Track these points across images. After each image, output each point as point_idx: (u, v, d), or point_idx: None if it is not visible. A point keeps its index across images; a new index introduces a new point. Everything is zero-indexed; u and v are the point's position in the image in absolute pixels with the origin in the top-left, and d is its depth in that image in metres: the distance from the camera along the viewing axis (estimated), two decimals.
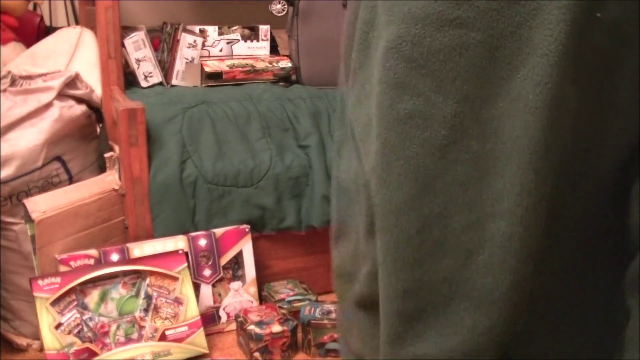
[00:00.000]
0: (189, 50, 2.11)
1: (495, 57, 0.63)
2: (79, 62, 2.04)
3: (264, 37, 2.26)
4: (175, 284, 1.75)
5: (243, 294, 1.90)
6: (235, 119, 1.94)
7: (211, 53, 2.20)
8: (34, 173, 1.72)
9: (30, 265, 1.73)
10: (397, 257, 0.68)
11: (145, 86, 2.08)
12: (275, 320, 1.75)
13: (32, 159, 1.71)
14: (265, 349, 1.71)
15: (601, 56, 0.66)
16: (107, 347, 1.66)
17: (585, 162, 0.69)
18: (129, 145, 1.79)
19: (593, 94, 0.67)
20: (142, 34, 2.06)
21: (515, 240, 0.64)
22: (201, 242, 1.84)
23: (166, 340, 1.71)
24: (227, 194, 1.90)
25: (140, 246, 1.78)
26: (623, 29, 0.66)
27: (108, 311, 1.69)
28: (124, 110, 1.77)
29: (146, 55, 2.07)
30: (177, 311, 1.74)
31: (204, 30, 2.19)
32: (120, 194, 1.84)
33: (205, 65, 2.13)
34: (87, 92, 1.84)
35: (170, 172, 1.84)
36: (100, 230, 1.81)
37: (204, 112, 1.93)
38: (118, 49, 1.89)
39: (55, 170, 1.77)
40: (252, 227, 1.92)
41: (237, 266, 1.90)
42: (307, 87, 2.12)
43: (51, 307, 1.62)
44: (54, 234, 1.70)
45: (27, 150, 1.70)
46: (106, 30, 1.87)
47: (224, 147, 1.91)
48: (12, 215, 1.73)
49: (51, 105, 1.74)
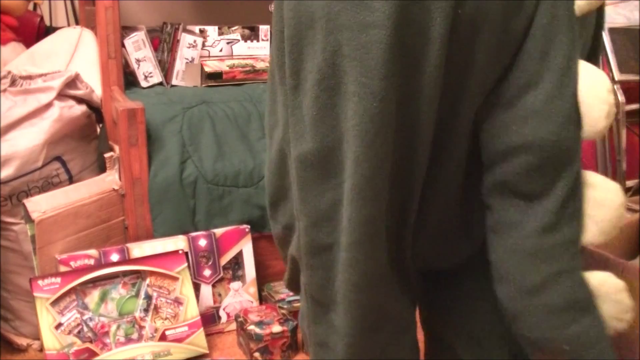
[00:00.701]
0: (189, 50, 2.11)
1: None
2: (79, 62, 2.04)
3: (264, 37, 2.26)
4: (175, 284, 1.75)
5: (243, 294, 1.90)
6: (235, 119, 1.94)
7: (211, 53, 2.21)
8: (34, 173, 1.72)
9: (30, 265, 1.73)
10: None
11: (145, 86, 2.08)
12: (276, 321, 1.75)
13: (32, 159, 1.71)
14: (266, 349, 1.71)
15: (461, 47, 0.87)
16: (107, 347, 1.66)
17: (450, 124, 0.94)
18: (129, 145, 1.79)
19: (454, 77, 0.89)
20: (142, 34, 2.06)
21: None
22: (201, 242, 1.84)
23: (166, 341, 1.71)
24: (227, 194, 1.90)
25: (140, 246, 1.78)
26: (476, 23, 0.86)
27: (108, 311, 1.69)
28: (124, 110, 1.77)
29: (146, 55, 2.07)
30: (177, 311, 1.74)
31: (204, 30, 2.19)
32: (120, 194, 1.84)
33: (205, 65, 2.13)
34: (87, 92, 1.84)
35: (171, 172, 1.84)
36: (100, 230, 1.81)
37: (204, 112, 1.93)
38: (118, 49, 1.89)
39: (55, 170, 1.77)
40: (252, 227, 1.92)
41: (237, 266, 1.90)
42: None
43: (51, 307, 1.62)
44: (54, 234, 1.70)
45: (27, 150, 1.70)
46: (106, 30, 1.86)
47: (224, 147, 1.91)
48: (12, 215, 1.73)
49: (51, 105, 1.74)
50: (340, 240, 0.95)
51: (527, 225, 0.95)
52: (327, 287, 0.99)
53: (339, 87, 0.88)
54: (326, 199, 0.94)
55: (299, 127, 0.93)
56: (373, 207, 0.91)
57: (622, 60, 1.96)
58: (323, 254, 0.98)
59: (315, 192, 0.94)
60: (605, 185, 0.96)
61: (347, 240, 0.93)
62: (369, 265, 0.95)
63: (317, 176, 0.94)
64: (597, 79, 0.90)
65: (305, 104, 0.91)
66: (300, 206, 0.97)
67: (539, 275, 0.96)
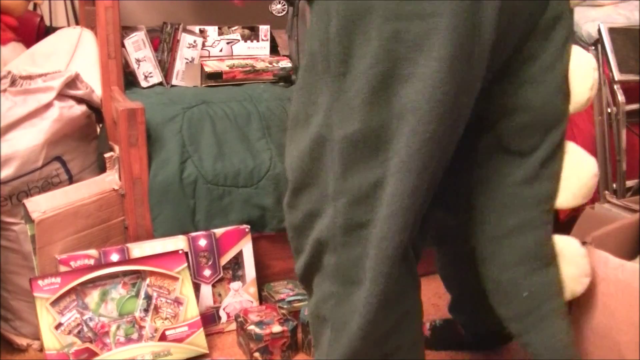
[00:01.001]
0: (189, 50, 2.11)
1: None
2: (79, 62, 2.04)
3: (264, 37, 2.26)
4: (175, 284, 1.75)
5: (243, 294, 1.90)
6: (235, 119, 1.94)
7: (211, 53, 2.21)
8: (34, 173, 1.72)
9: (30, 265, 1.73)
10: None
11: (145, 86, 2.08)
12: (276, 321, 1.75)
13: (32, 159, 1.71)
14: (266, 349, 1.71)
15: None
16: (107, 347, 1.66)
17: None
18: (129, 145, 1.79)
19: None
20: (142, 34, 2.06)
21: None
22: (201, 242, 1.84)
23: (166, 341, 1.71)
24: (227, 194, 1.90)
25: (140, 246, 1.78)
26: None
27: (108, 311, 1.69)
28: (124, 111, 1.77)
29: (146, 56, 2.07)
30: (177, 311, 1.74)
31: (204, 30, 2.19)
32: (120, 194, 1.84)
33: (205, 66, 2.13)
34: (87, 92, 1.84)
35: (170, 172, 1.84)
36: (100, 230, 1.81)
37: (204, 112, 1.93)
38: (118, 49, 1.89)
39: (55, 171, 1.77)
40: (252, 227, 1.92)
41: (237, 266, 1.90)
42: None
43: (51, 307, 1.62)
44: (54, 234, 1.70)
45: (27, 150, 1.70)
46: (106, 30, 1.86)
47: (224, 147, 1.91)
48: (12, 215, 1.73)
49: (51, 105, 1.74)
50: (377, 217, 1.04)
51: (509, 178, 1.12)
52: (358, 265, 1.08)
53: (392, 71, 0.98)
54: (369, 177, 1.04)
55: (345, 111, 1.03)
56: (418, 178, 1.01)
57: (622, 60, 1.96)
58: (360, 231, 1.07)
59: (359, 170, 1.05)
60: (583, 156, 1.11)
61: (385, 213, 1.03)
62: (398, 239, 1.04)
63: (363, 155, 1.04)
64: (584, 58, 1.09)
65: (355, 88, 1.01)
66: (340, 186, 1.06)
67: (511, 221, 1.12)
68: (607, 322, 1.17)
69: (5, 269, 1.75)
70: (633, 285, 1.12)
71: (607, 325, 1.17)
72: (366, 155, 1.03)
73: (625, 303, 1.14)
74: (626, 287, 1.13)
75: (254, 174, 1.91)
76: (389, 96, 0.99)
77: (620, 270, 1.14)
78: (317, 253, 1.15)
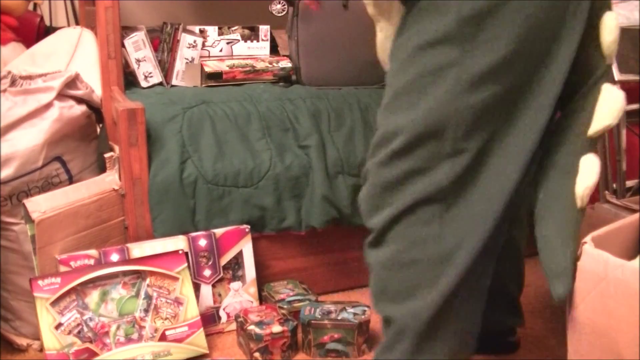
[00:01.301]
0: (189, 50, 2.11)
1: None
2: (79, 62, 2.04)
3: (264, 37, 2.26)
4: (175, 284, 1.75)
5: (243, 294, 1.90)
6: (235, 119, 1.94)
7: (211, 53, 2.21)
8: (34, 173, 1.72)
9: (30, 265, 1.73)
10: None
11: (145, 86, 2.08)
12: (276, 321, 1.75)
13: (32, 159, 1.71)
14: (266, 349, 1.71)
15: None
16: (107, 347, 1.66)
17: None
18: (129, 145, 1.79)
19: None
20: (142, 34, 2.06)
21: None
22: (201, 242, 1.84)
23: (166, 341, 1.71)
24: (227, 194, 1.90)
25: (140, 246, 1.78)
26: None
27: (108, 311, 1.69)
28: (124, 111, 1.77)
29: (146, 56, 2.07)
30: (177, 311, 1.74)
31: (204, 30, 2.19)
32: (120, 194, 1.84)
33: (205, 66, 2.13)
34: (87, 92, 1.84)
35: (170, 172, 1.84)
36: (100, 230, 1.81)
37: (204, 112, 1.93)
38: (118, 49, 1.89)
39: (55, 171, 1.77)
40: (252, 227, 1.92)
41: (237, 266, 1.90)
42: (307, 87, 2.12)
43: (51, 307, 1.62)
44: (54, 234, 1.71)
45: (27, 150, 1.70)
46: (106, 30, 1.86)
47: (224, 147, 1.91)
48: (12, 215, 1.73)
49: (51, 105, 1.74)
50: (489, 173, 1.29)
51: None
52: (459, 214, 1.28)
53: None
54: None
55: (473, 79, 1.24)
56: (540, 133, 1.28)
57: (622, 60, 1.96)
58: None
59: (484, 129, 1.26)
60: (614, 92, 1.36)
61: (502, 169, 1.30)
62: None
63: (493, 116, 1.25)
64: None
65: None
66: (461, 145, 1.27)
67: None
68: (607, 322, 1.17)
69: (5, 269, 1.75)
70: (633, 285, 1.11)
71: (606, 325, 1.17)
72: (496, 116, 1.23)
73: (625, 303, 1.14)
74: (626, 287, 1.13)
75: (254, 174, 1.91)
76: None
77: (620, 270, 1.14)
78: (414, 205, 1.26)
